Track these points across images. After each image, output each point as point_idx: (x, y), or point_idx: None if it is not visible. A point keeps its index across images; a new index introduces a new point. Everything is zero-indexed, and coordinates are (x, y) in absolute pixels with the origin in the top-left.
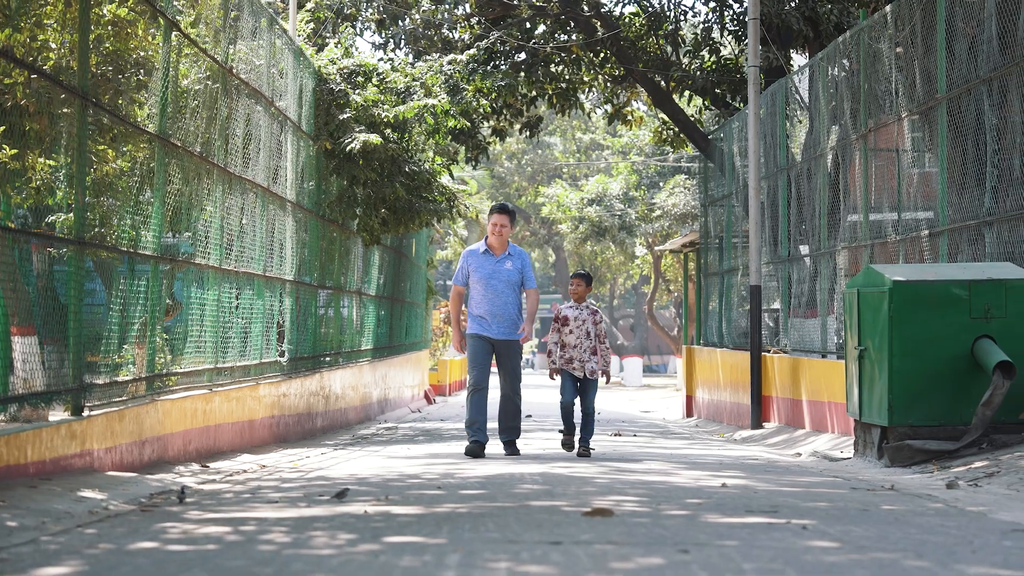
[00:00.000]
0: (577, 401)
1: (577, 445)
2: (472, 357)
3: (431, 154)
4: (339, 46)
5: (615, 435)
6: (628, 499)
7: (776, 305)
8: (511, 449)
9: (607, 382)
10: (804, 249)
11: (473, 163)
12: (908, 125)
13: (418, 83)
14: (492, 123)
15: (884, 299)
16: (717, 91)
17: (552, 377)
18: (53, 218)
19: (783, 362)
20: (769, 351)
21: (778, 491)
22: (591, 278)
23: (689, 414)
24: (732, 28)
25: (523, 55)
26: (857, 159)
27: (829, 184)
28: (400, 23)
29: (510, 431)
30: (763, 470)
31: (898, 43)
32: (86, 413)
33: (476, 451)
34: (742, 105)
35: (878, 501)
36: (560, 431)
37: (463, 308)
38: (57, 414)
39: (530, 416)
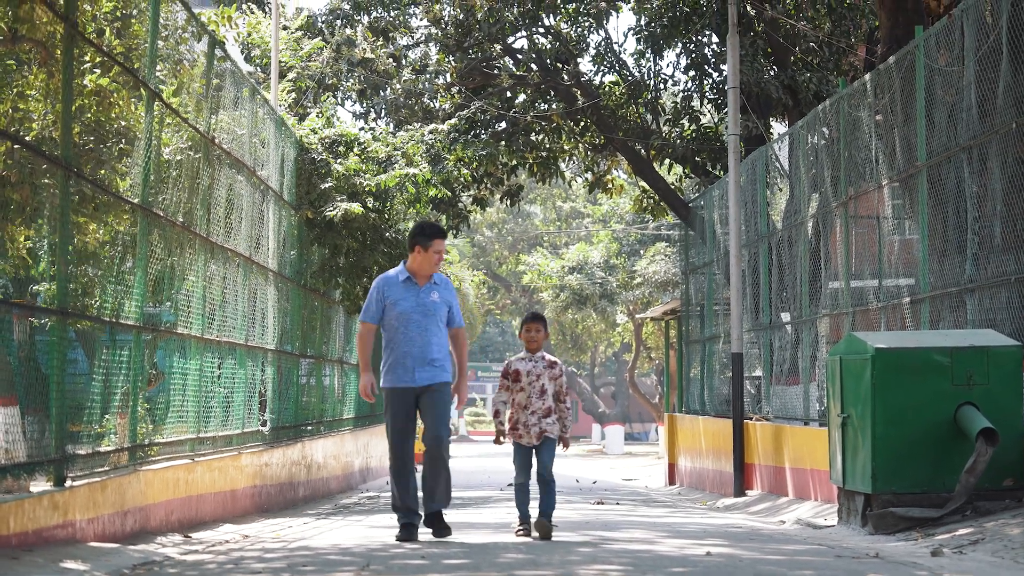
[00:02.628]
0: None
1: (535, 522)
2: (392, 417)
3: (412, 223)
4: (320, 116)
5: (597, 503)
6: (613, 568)
7: (758, 372)
8: (439, 527)
9: (565, 449)
10: (786, 316)
11: (454, 232)
12: (889, 192)
13: (399, 152)
14: (473, 192)
15: (866, 366)
16: (697, 159)
17: (498, 441)
18: (36, 287)
19: (765, 429)
20: (751, 418)
21: (763, 559)
22: (545, 321)
23: (672, 482)
24: (712, 97)
25: (504, 124)
26: (838, 226)
27: (810, 251)
28: (381, 93)
29: (436, 499)
30: (747, 538)
31: (878, 111)
32: (68, 484)
33: (411, 535)
34: (722, 173)
35: (863, 569)
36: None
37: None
38: (39, 484)
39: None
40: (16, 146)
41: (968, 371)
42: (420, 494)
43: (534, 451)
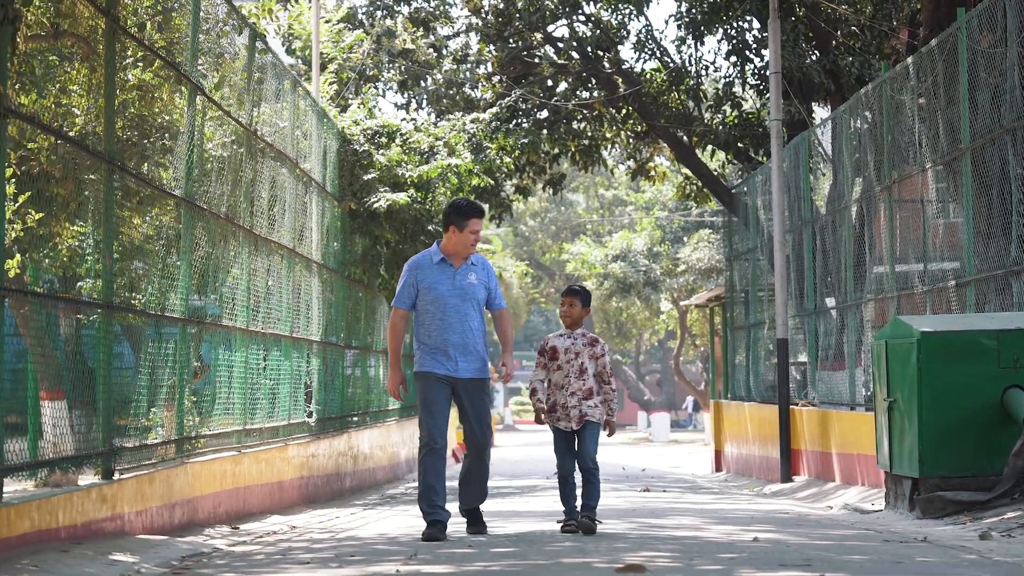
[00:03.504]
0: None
1: (580, 516)
2: (427, 404)
3: None
4: (362, 107)
5: (644, 491)
6: (660, 555)
7: (803, 358)
8: (475, 523)
9: (610, 435)
10: (830, 301)
11: (497, 221)
12: (932, 176)
13: (441, 142)
14: (515, 181)
15: (912, 350)
16: (740, 145)
17: (539, 420)
18: (81, 284)
19: (811, 415)
20: (797, 404)
21: (811, 544)
22: (588, 295)
23: (718, 469)
24: (753, 83)
25: (545, 112)
26: (882, 211)
27: (854, 236)
28: (422, 83)
29: (474, 495)
30: (794, 524)
31: (920, 94)
32: (116, 476)
33: (437, 534)
34: (765, 159)
35: (912, 553)
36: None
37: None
38: (87, 478)
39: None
40: (60, 141)
41: (1015, 353)
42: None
43: (575, 437)
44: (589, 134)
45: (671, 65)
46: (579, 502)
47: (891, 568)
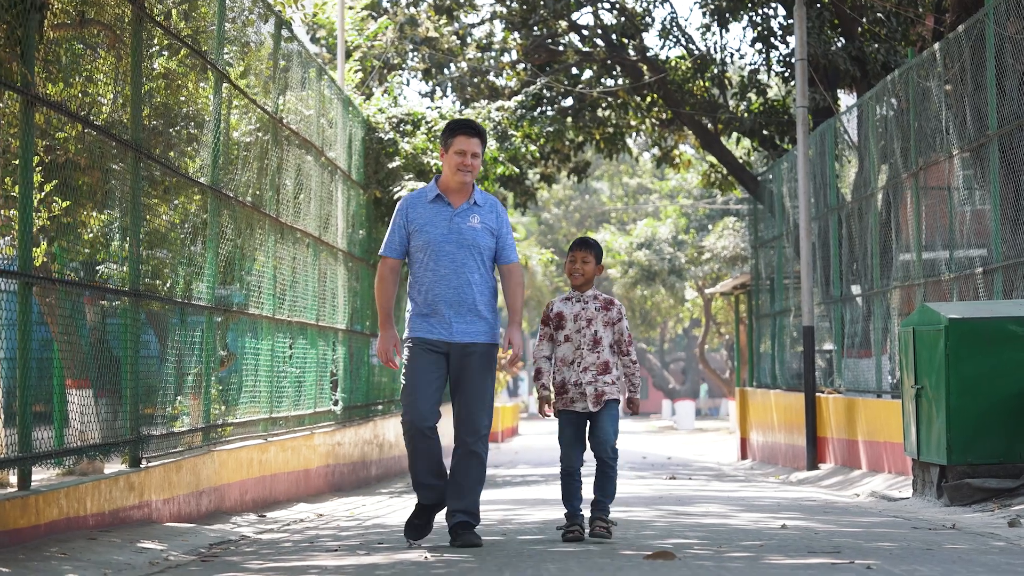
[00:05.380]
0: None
1: (589, 519)
2: (413, 375)
3: None
4: (387, 95)
5: (670, 478)
6: (688, 542)
7: (829, 346)
8: (463, 535)
9: (634, 413)
10: (856, 289)
11: (522, 209)
12: (959, 163)
13: None
14: (540, 169)
15: (940, 337)
16: (765, 132)
17: (543, 413)
18: (103, 268)
19: (838, 403)
20: (823, 392)
21: (839, 532)
22: (600, 250)
23: (744, 456)
24: (778, 70)
25: (570, 100)
26: (908, 198)
27: (880, 223)
28: (446, 71)
29: (464, 505)
30: (822, 511)
31: (947, 81)
32: (143, 464)
33: (419, 532)
34: (790, 146)
35: (941, 540)
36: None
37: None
38: (114, 466)
39: None
40: (86, 130)
41: None
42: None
43: (588, 421)
44: (614, 122)
45: (696, 52)
46: (585, 505)
47: (920, 555)
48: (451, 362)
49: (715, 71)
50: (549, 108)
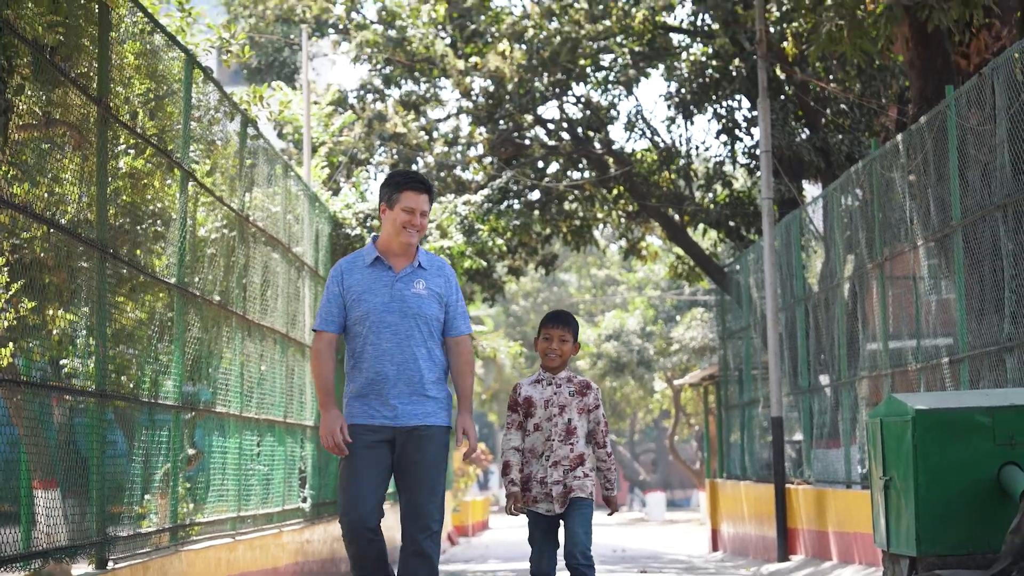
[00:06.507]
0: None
1: None
2: (352, 470)
3: None
4: (354, 190)
5: (641, 572)
6: None
7: (798, 436)
8: None
9: (611, 513)
10: (824, 379)
11: (489, 302)
12: (924, 252)
13: (433, 225)
14: (507, 262)
15: (907, 428)
16: (731, 224)
17: (512, 511)
18: (71, 368)
19: (808, 494)
20: (793, 483)
21: None
22: (577, 325)
23: (715, 548)
24: (743, 162)
25: (537, 193)
26: (874, 287)
27: (847, 313)
28: (414, 165)
29: None
30: None
31: (910, 171)
32: (110, 566)
33: None
34: (757, 237)
35: None
36: None
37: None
38: (81, 567)
39: None
40: (52, 230)
41: (1010, 431)
42: None
43: (560, 522)
44: (581, 214)
45: (661, 145)
46: None
47: None
48: (396, 448)
49: (680, 163)
50: (516, 201)
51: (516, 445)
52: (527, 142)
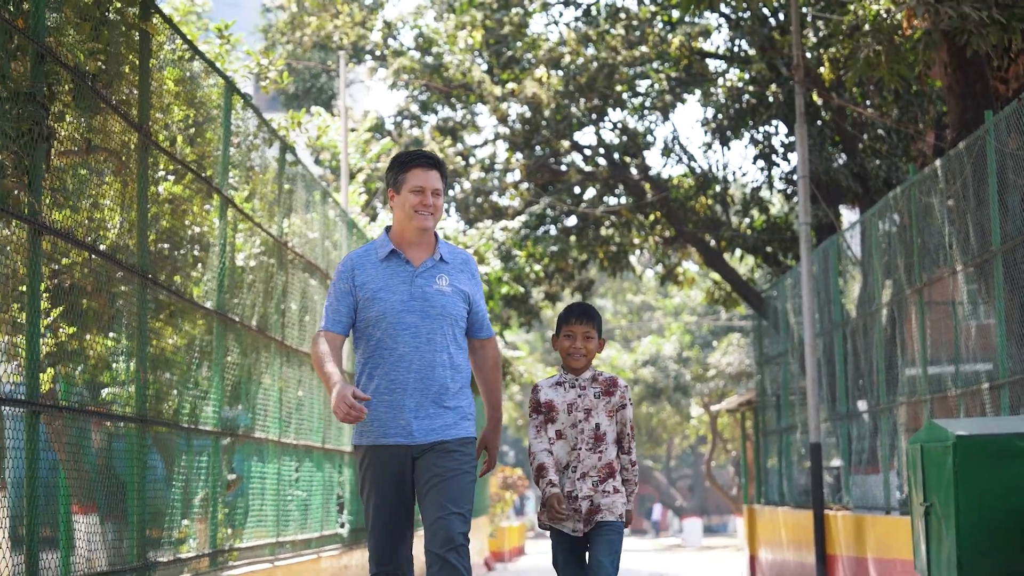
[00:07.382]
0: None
1: None
2: (375, 508)
3: None
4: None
5: None
6: None
7: (836, 462)
8: None
9: (626, 525)
10: (862, 405)
11: (526, 328)
12: (963, 278)
13: (471, 251)
14: (544, 287)
15: (948, 454)
16: (768, 249)
17: (546, 522)
18: (107, 391)
19: (847, 520)
20: (831, 509)
21: None
22: (601, 320)
23: (753, 574)
24: (781, 187)
25: (573, 219)
26: (913, 313)
27: (885, 339)
28: (450, 191)
29: None
30: None
31: (949, 197)
32: None
33: None
34: (794, 263)
35: None
36: None
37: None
38: None
39: None
40: (93, 256)
41: None
42: None
43: (586, 542)
44: (617, 240)
45: (698, 170)
46: None
47: None
48: (416, 464)
49: (717, 189)
50: (552, 227)
51: (546, 447)
52: (563, 168)
